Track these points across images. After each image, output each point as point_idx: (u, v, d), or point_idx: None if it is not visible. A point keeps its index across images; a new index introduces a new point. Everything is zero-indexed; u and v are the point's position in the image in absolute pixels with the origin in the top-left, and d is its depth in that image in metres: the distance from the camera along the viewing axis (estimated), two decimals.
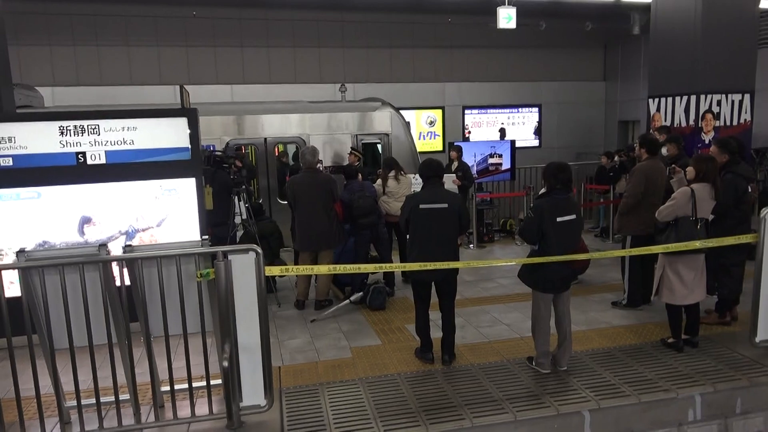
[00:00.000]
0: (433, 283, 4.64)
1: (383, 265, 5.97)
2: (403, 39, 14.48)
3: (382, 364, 4.69)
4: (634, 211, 5.56)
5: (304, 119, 9.97)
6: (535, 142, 15.96)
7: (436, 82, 15.00)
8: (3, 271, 3.39)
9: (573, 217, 4.33)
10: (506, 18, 11.37)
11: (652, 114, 8.61)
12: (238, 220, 6.56)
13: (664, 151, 6.18)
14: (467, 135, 15.26)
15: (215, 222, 6.15)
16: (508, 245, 9.20)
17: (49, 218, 5.26)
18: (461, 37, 14.81)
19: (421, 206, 4.48)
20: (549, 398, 4.04)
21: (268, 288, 4.67)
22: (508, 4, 11.51)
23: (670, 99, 8.33)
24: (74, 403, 3.62)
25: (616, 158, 9.53)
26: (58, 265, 3.49)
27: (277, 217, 7.93)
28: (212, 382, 3.77)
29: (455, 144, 9.46)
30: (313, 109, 10.32)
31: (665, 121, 8.28)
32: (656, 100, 8.54)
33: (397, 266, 5.44)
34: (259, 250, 3.69)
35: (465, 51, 15.02)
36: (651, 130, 7.95)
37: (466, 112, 15.41)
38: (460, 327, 4.87)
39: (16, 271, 3.46)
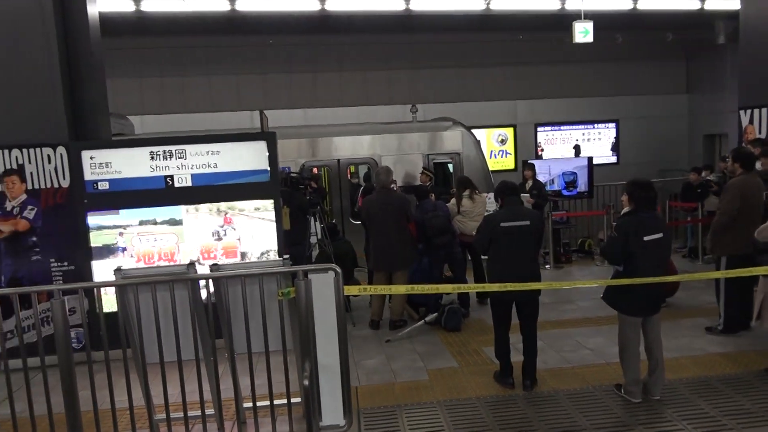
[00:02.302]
0: (513, 304, 4.51)
1: (461, 285, 5.88)
2: (473, 58, 14.44)
3: (460, 387, 4.58)
4: (728, 230, 5.18)
5: (375, 140, 10.10)
6: (613, 159, 15.37)
7: (508, 100, 14.82)
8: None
9: (661, 235, 4.10)
10: (582, 32, 11.07)
11: (744, 126, 8.06)
12: (313, 240, 6.68)
13: (758, 165, 5.76)
14: (540, 152, 14.92)
15: (291, 242, 6.29)
16: (587, 266, 8.83)
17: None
18: (532, 54, 14.58)
19: (503, 224, 4.38)
20: (642, 429, 3.79)
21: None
22: (585, 18, 11.22)
23: (764, 110, 7.78)
24: (163, 416, 3.76)
25: (704, 174, 8.99)
26: (150, 283, 3.67)
27: (350, 238, 8.02)
28: (292, 401, 3.81)
29: (528, 162, 9.26)
30: (384, 130, 10.44)
31: (759, 133, 7.73)
32: (748, 111, 8.00)
33: (476, 287, 5.34)
34: (339, 270, 3.72)
35: (536, 67, 14.77)
36: (744, 144, 7.44)
37: (539, 129, 15.09)
38: (541, 351, 4.69)
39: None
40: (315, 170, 9.78)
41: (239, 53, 13.67)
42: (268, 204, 5.58)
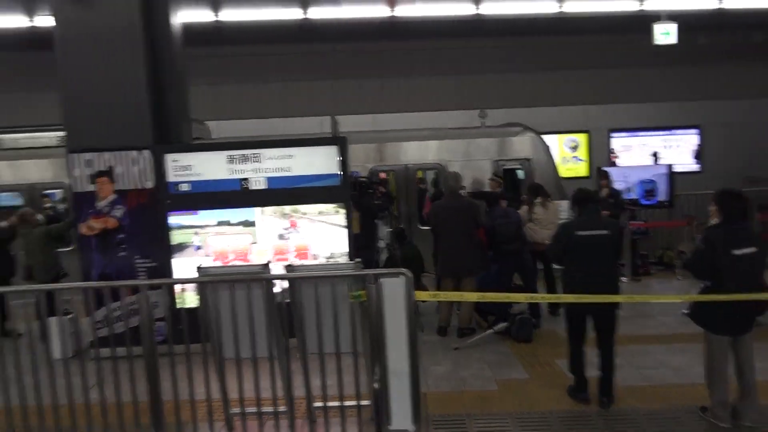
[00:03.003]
0: (589, 317, 4.33)
1: (535, 294, 5.73)
2: (543, 61, 14.09)
3: (531, 399, 4.46)
4: None
5: (442, 145, 10.04)
6: (695, 167, 14.55)
7: (580, 105, 14.35)
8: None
9: (753, 249, 3.83)
10: (664, 33, 10.57)
11: None
12: (382, 244, 6.71)
13: None
14: (614, 159, 14.35)
15: (359, 246, 6.34)
16: (668, 280, 8.38)
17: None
18: (607, 56, 14.05)
19: (580, 233, 4.23)
20: None
21: None
22: (665, 19, 10.71)
23: None
24: (238, 410, 3.87)
25: None
26: (229, 281, 3.80)
27: (417, 243, 8.00)
28: (362, 403, 3.82)
29: (602, 169, 8.92)
30: (452, 135, 10.36)
31: None
32: None
33: (550, 297, 5.17)
34: (410, 275, 3.71)
35: (611, 71, 14.21)
36: None
37: (613, 135, 14.52)
38: (619, 367, 4.47)
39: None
40: (383, 175, 9.83)
41: (310, 60, 13.99)
42: (334, 208, 5.65)
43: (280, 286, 3.98)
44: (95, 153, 5.68)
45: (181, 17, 6.27)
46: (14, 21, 8.57)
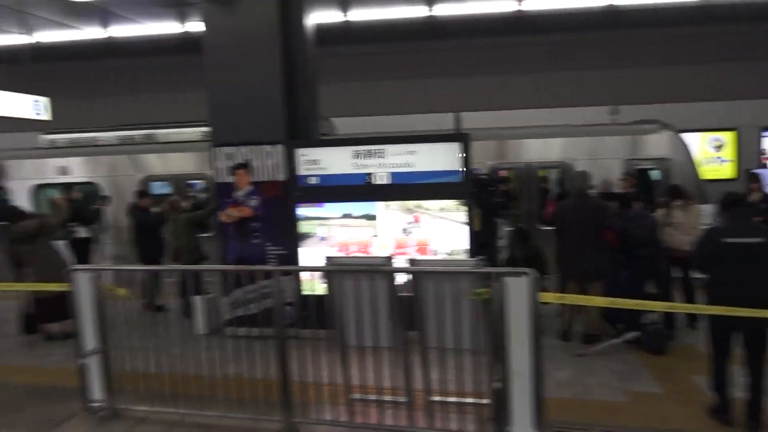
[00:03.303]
0: (737, 332, 3.93)
1: (675, 304, 5.30)
2: (683, 53, 12.98)
3: (664, 416, 4.15)
4: None
5: (567, 143, 9.61)
6: None
7: (726, 101, 13.04)
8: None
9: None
10: None
11: None
12: (501, 243, 6.59)
13: None
14: (765, 161, 12.88)
15: (478, 243, 6.27)
16: None
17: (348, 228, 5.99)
18: (759, 47, 12.62)
19: (727, 240, 3.86)
20: None
21: None
22: None
23: None
24: (359, 396, 4.01)
25: None
26: (354, 272, 3.95)
27: (539, 243, 7.74)
28: (481, 401, 3.79)
29: (753, 172, 8.04)
30: (578, 132, 9.87)
31: None
32: None
33: (694, 308, 4.76)
34: (535, 275, 3.61)
35: (762, 63, 12.76)
36: None
37: (765, 134, 13.03)
38: None
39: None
40: (503, 173, 9.62)
41: (433, 56, 14.05)
42: (455, 204, 5.63)
43: (401, 278, 4.06)
44: (235, 147, 6.14)
45: (314, 19, 6.59)
46: (168, 27, 9.48)
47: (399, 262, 4.78)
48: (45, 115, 9.53)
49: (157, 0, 7.88)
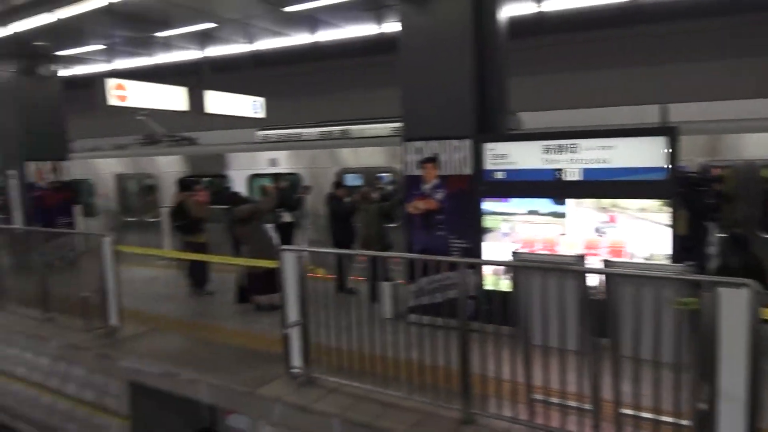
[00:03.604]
0: None
1: None
2: None
3: None
4: None
5: None
6: None
7: None
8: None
9: None
10: None
11: None
12: (712, 250, 5.86)
13: None
14: None
15: (683, 248, 5.65)
16: None
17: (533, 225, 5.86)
18: None
19: None
20: None
21: None
22: None
23: None
24: (541, 397, 3.91)
25: None
26: (542, 269, 3.84)
27: (759, 253, 6.72)
28: (681, 422, 3.44)
29: None
30: None
31: None
32: None
33: None
34: (758, 288, 3.15)
35: None
36: None
37: None
38: None
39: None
40: (717, 171, 8.50)
41: (632, 44, 12.95)
42: (658, 205, 5.14)
43: (592, 280, 3.84)
44: (424, 141, 6.35)
45: (507, 12, 6.50)
46: (366, 30, 10.13)
47: (591, 263, 4.52)
48: (261, 114, 10.84)
49: (358, 4, 8.44)
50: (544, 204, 5.77)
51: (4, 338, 7.22)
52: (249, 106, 10.54)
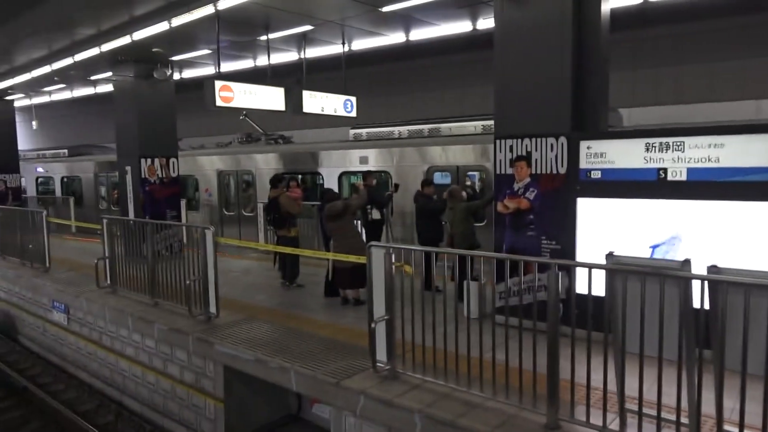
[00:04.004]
0: None
1: None
2: None
3: None
4: None
5: None
6: None
7: None
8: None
9: None
10: None
11: None
12: None
13: None
14: None
15: None
16: None
17: (630, 227, 5.55)
18: None
19: None
20: None
21: None
22: None
23: None
24: (634, 407, 3.70)
25: None
26: (641, 273, 3.62)
27: None
28: None
29: None
30: None
31: None
32: None
33: None
34: None
35: None
36: None
37: None
38: None
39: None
40: None
41: (747, 33, 11.88)
42: None
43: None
44: (516, 139, 6.20)
45: (609, 4, 6.19)
46: (459, 27, 10.04)
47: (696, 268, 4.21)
48: (353, 113, 11.08)
49: (454, 2, 8.39)
50: (644, 204, 5.43)
51: (117, 320, 7.90)
52: (341, 105, 10.81)
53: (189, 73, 14.29)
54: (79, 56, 11.26)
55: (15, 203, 16.43)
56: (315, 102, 10.26)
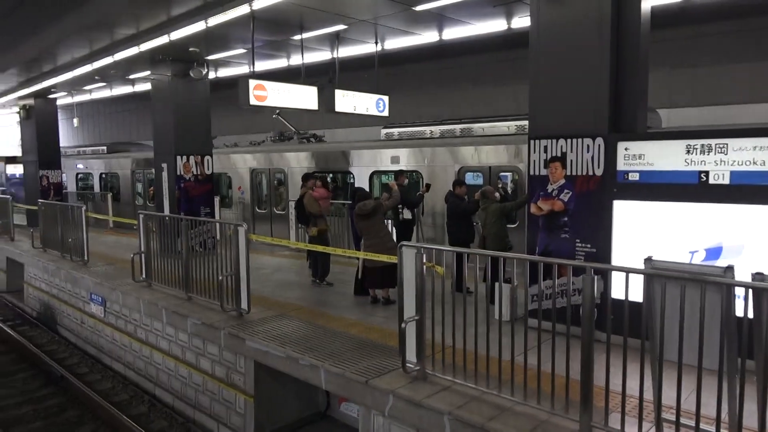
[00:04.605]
0: None
1: None
2: None
3: None
4: None
5: None
6: None
7: None
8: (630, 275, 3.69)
9: None
10: None
11: None
12: None
13: None
14: None
15: None
16: None
17: (668, 232, 5.41)
18: None
19: None
20: None
21: None
22: None
23: None
24: (671, 417, 3.59)
25: None
26: (681, 279, 3.52)
27: None
28: None
29: None
30: None
31: None
32: None
33: None
34: None
35: None
36: None
37: None
38: None
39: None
40: None
41: None
42: None
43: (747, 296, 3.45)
44: (551, 140, 6.09)
45: (651, 0, 6.03)
46: (494, 26, 9.92)
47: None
48: (385, 112, 11.07)
49: (488, 0, 8.30)
50: (683, 208, 5.28)
51: (151, 313, 8.08)
52: (374, 104, 10.82)
53: (223, 72, 14.50)
54: (119, 55, 11.54)
55: (56, 198, 16.96)
56: (347, 101, 10.29)
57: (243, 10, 8.41)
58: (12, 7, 9.23)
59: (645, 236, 5.51)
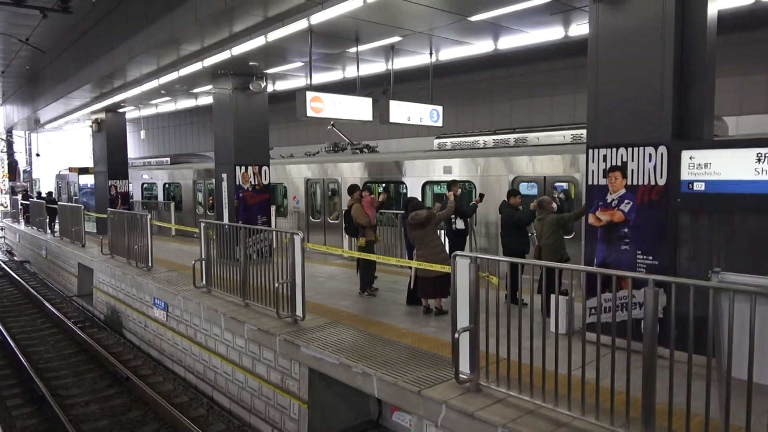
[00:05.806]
0: None
1: None
2: None
3: None
4: None
5: None
6: None
7: None
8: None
9: None
10: None
11: None
12: None
13: None
14: None
15: None
16: None
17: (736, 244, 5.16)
18: None
19: None
20: None
21: None
22: None
23: None
24: None
25: None
26: (750, 293, 3.35)
27: None
28: None
29: None
30: None
31: None
32: None
33: None
34: None
35: None
36: None
37: None
38: None
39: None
40: None
41: None
42: None
43: None
44: (611, 148, 5.94)
45: (717, 5, 5.80)
46: (551, 34, 9.79)
47: None
48: (439, 122, 11.09)
49: (545, 9, 8.19)
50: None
51: (210, 318, 8.35)
52: (427, 114, 10.86)
53: (281, 86, 14.92)
54: (184, 71, 12.09)
55: (123, 207, 17.84)
56: (401, 111, 10.37)
57: (301, 24, 8.66)
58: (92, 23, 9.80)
59: (712, 249, 5.26)
